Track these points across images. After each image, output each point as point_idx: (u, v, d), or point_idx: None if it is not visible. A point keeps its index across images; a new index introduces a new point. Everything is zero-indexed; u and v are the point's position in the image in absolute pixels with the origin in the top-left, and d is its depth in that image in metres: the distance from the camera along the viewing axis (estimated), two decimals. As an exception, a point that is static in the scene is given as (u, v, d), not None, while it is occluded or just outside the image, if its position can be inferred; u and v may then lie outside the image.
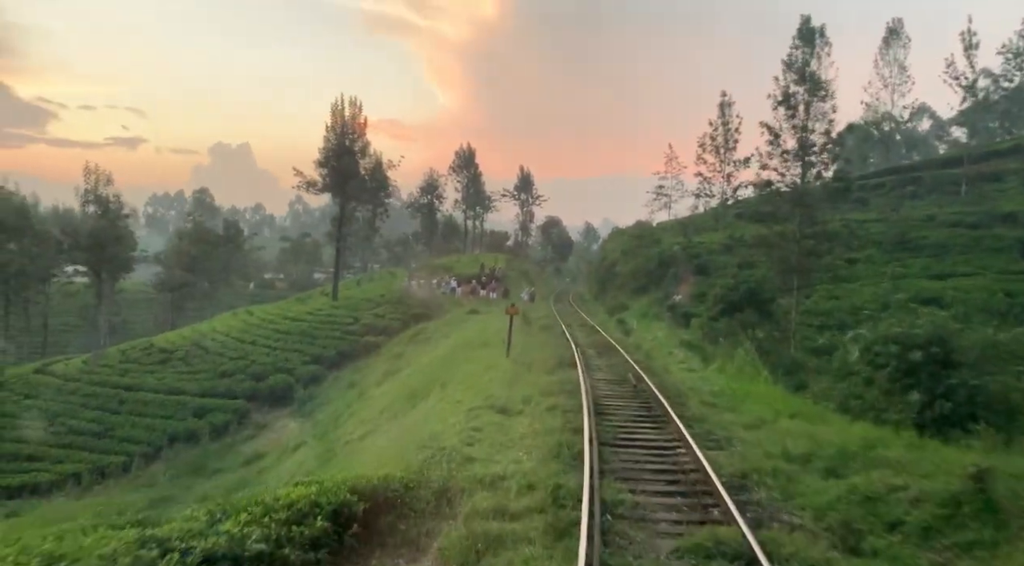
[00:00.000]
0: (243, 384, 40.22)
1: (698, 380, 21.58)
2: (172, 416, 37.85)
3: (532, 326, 35.39)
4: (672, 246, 53.34)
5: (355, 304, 50.59)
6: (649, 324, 40.76)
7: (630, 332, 35.58)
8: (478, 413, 15.43)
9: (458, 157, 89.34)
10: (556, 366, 21.28)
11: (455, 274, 58.92)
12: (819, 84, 34.85)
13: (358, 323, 46.28)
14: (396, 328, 44.88)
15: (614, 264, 60.38)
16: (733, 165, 70.40)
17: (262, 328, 47.87)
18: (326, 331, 45.54)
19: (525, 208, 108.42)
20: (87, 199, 43.48)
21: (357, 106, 54.19)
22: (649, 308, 45.89)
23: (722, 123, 70.34)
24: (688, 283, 48.98)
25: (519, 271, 77.04)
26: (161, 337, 50.06)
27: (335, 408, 35.65)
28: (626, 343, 29.55)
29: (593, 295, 64.66)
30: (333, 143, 53.23)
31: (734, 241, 53.76)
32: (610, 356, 24.60)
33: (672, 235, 63.02)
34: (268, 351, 43.63)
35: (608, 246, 72.31)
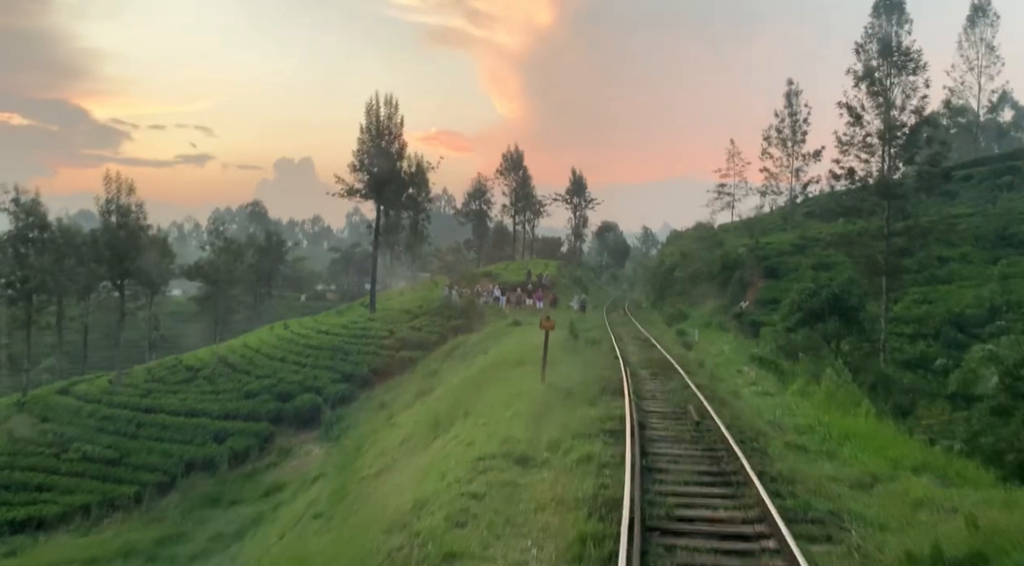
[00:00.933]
0: (268, 405, 37.50)
1: (777, 409, 17.53)
2: (191, 441, 35.31)
3: (578, 340, 31.62)
4: (737, 248, 48.84)
5: (392, 316, 47.61)
6: (713, 336, 36.55)
7: (691, 346, 31.47)
8: (488, 465, 11.83)
9: (505, 160, 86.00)
10: (599, 393, 17.52)
11: (500, 282, 55.47)
12: (908, 56, 30.23)
13: (393, 337, 43.21)
14: (433, 342, 41.64)
15: (672, 269, 56.09)
16: (802, 159, 65.44)
17: (293, 343, 45.24)
18: (359, 346, 42.61)
19: (578, 212, 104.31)
20: (108, 209, 41.39)
21: (393, 105, 51.49)
22: (712, 317, 41.62)
23: (789, 114, 65.46)
24: (756, 288, 44.53)
25: (571, 278, 73.18)
26: (191, 354, 47.93)
27: (362, 433, 32.52)
28: (686, 360, 25.51)
29: (650, 303, 60.40)
30: (368, 145, 50.50)
31: (807, 241, 49.06)
32: (667, 378, 20.66)
33: (736, 236, 58.37)
34: (297, 368, 40.90)
35: (666, 250, 67.93)
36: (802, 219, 66.10)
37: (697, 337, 34.63)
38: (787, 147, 65.62)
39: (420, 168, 66.49)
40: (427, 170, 66.19)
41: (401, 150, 52.05)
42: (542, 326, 21.01)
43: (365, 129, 50.78)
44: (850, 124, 30.69)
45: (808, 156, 64.84)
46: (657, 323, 44.77)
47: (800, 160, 65.16)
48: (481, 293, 49.93)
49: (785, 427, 15.08)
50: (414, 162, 65.96)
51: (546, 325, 20.89)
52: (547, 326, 20.86)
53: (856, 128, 30.61)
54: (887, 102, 29.20)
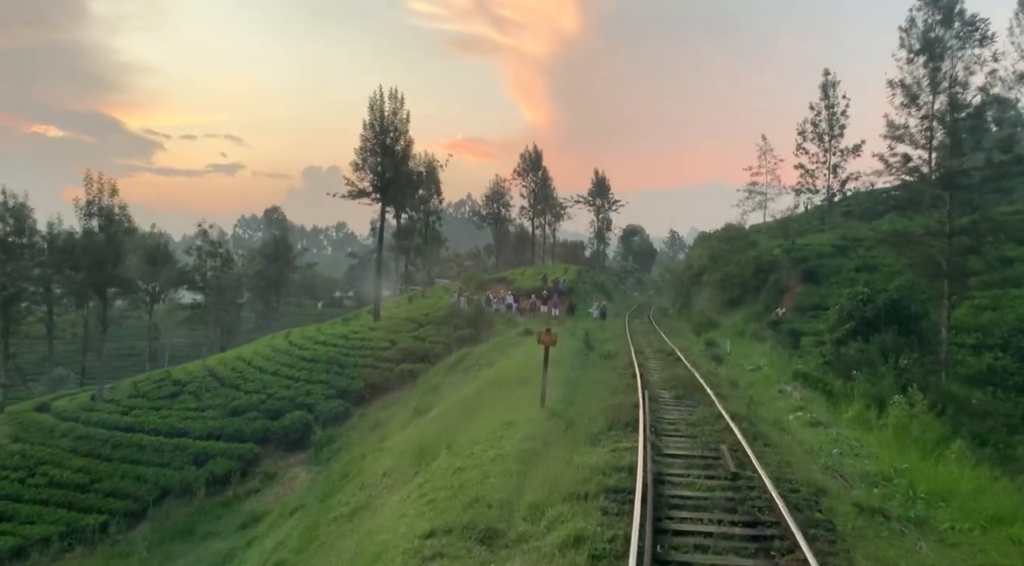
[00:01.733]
0: (255, 423, 34.41)
1: (834, 445, 13.93)
2: (169, 464, 32.30)
3: (593, 353, 28.09)
4: (772, 249, 44.94)
5: (396, 325, 44.39)
6: (747, 347, 32.84)
7: (722, 360, 27.77)
8: (440, 548, 8.41)
9: (523, 160, 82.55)
10: (607, 426, 14.06)
11: (515, 288, 52.08)
12: (973, 25, 26.36)
13: (394, 348, 39.94)
14: (437, 353, 38.32)
15: (700, 273, 52.28)
16: (840, 154, 61.14)
17: (288, 355, 42.18)
18: (357, 358, 39.41)
19: (601, 215, 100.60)
20: (89, 211, 38.59)
21: (398, 100, 48.34)
22: (745, 325, 37.84)
23: (825, 106, 61.23)
24: (794, 293, 40.65)
25: (592, 283, 69.57)
26: (180, 367, 45.11)
27: (351, 457, 29.26)
28: (717, 378, 21.88)
29: (676, 309, 56.57)
30: (372, 142, 47.43)
31: (848, 241, 45.03)
32: (693, 403, 17.10)
33: (769, 238, 54.41)
34: (289, 383, 37.78)
35: (693, 252, 64.01)
36: (840, 219, 61.93)
37: (729, 349, 30.95)
38: (823, 142, 61.39)
39: (431, 168, 63.82)
40: (437, 169, 63.72)
41: (407, 148, 48.86)
42: (541, 341, 17.52)
43: (368, 125, 47.68)
44: (903, 105, 26.89)
45: (846, 151, 60.60)
46: (683, 332, 41.07)
47: (838, 155, 60.90)
48: (492, 300, 46.53)
49: (851, 477, 11.49)
50: (423, 162, 63.35)
51: (546, 340, 17.44)
52: (547, 341, 17.41)
53: (911, 110, 26.80)
54: (951, 78, 25.35)
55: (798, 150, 62.12)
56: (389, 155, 47.78)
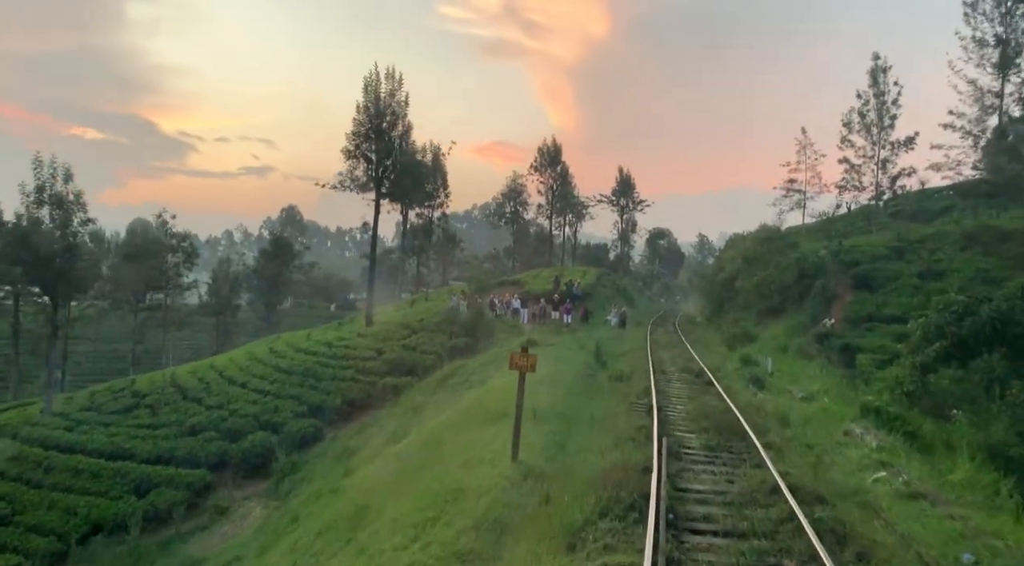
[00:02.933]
0: (211, 445, 29.71)
1: (960, 544, 8.71)
2: (106, 493, 27.68)
3: (604, 372, 22.96)
4: (817, 251, 39.39)
5: (387, 332, 39.54)
6: (792, 365, 27.49)
7: (763, 383, 22.43)
8: None
9: (541, 154, 77.25)
10: (600, 508, 8.96)
11: (524, 291, 47.02)
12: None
13: (380, 358, 35.06)
14: (428, 365, 33.37)
15: (733, 278, 46.76)
16: (890, 148, 55.25)
17: (264, 364, 37.49)
18: (336, 370, 34.58)
19: (625, 215, 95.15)
20: (39, 199, 34.14)
21: (396, 81, 43.53)
22: (788, 339, 32.42)
23: (874, 94, 55.36)
24: (844, 302, 35.14)
25: (613, 288, 64.24)
26: (146, 376, 40.68)
27: (310, 492, 24.49)
28: (760, 413, 16.69)
29: (706, 318, 51.11)
30: (365, 127, 42.69)
31: (905, 243, 39.34)
32: (733, 461, 11.93)
33: (810, 240, 48.79)
34: (257, 397, 33.08)
35: (725, 255, 58.35)
36: (887, 220, 56.08)
37: (770, 368, 25.60)
38: (871, 134, 55.57)
39: (437, 160, 59.07)
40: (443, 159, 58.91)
41: (406, 133, 44.03)
42: (514, 365, 12.46)
43: (363, 108, 42.93)
44: (996, 65, 21.36)
45: (897, 145, 54.72)
46: (715, 345, 35.73)
47: (887, 149, 55.05)
48: (496, 304, 41.48)
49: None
50: (428, 152, 58.64)
51: (520, 364, 12.37)
52: (521, 366, 12.34)
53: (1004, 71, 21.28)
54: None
55: (843, 143, 56.37)
56: (385, 141, 43.02)
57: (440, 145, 61.09)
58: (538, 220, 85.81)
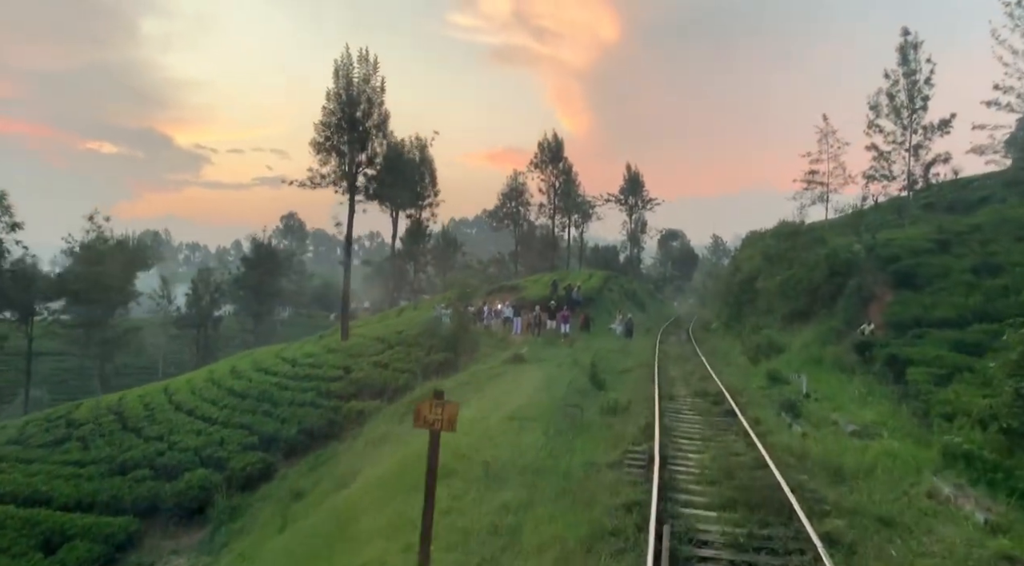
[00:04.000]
0: (141, 487, 25.35)
1: None
2: (8, 549, 23.30)
3: (598, 396, 18.41)
4: (850, 246, 34.64)
5: (361, 346, 35.15)
6: (829, 382, 22.83)
7: (798, 411, 17.74)
8: None
9: (542, 149, 72.59)
10: None
11: (520, 297, 42.53)
12: None
13: (347, 378, 30.64)
14: (401, 386, 28.93)
15: (753, 278, 42.05)
16: (923, 132, 50.30)
17: (218, 386, 33.14)
18: (295, 393, 30.19)
19: (634, 215, 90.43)
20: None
21: (371, 65, 39.18)
22: (821, 348, 27.65)
23: (904, 74, 50.45)
24: (884, 303, 30.43)
25: (621, 292, 59.61)
26: (92, 401, 36.43)
27: (241, 549, 20.09)
28: (804, 464, 12.09)
29: (723, 322, 46.35)
30: (337, 116, 38.38)
31: (950, 234, 34.63)
32: (774, 560, 7.35)
33: (837, 235, 43.97)
34: (204, 426, 28.73)
35: (743, 254, 53.50)
36: (919, 212, 51.19)
37: (805, 388, 20.91)
38: (901, 118, 50.66)
39: (424, 155, 54.81)
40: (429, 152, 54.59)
41: (383, 123, 39.63)
42: (420, 423, 7.90)
43: (333, 95, 38.62)
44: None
45: (931, 129, 49.76)
46: (734, 357, 31.13)
47: (920, 134, 50.10)
48: (485, 313, 36.98)
49: None
50: (414, 147, 54.38)
51: (428, 419, 7.81)
52: (431, 423, 7.79)
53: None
54: None
55: (870, 128, 51.38)
56: (359, 131, 38.69)
57: (425, 138, 56.54)
58: (539, 221, 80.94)
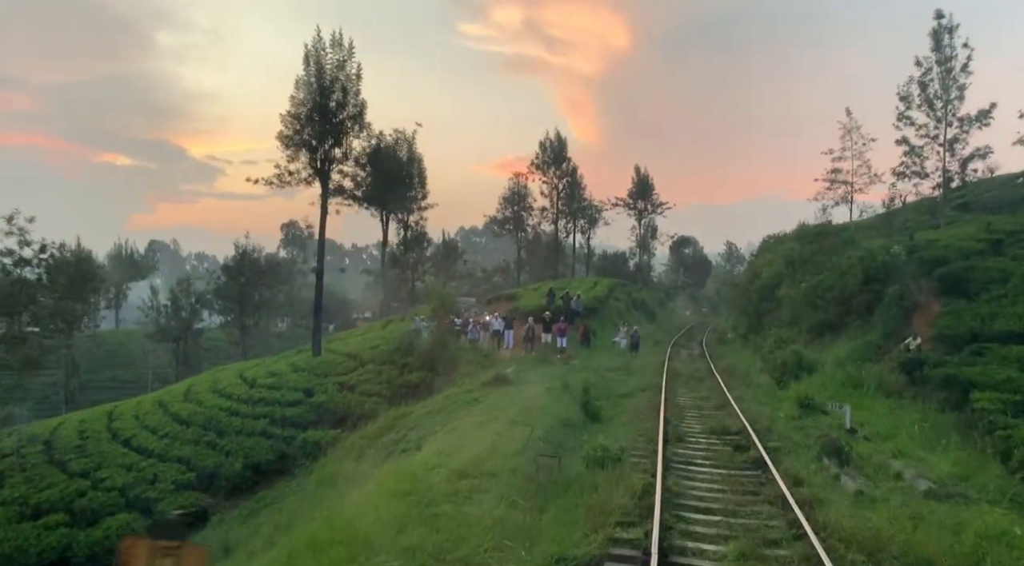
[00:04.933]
0: (52, 534, 21.60)
1: None
2: None
3: (580, 442, 14.32)
4: (887, 248, 30.48)
5: (331, 364, 31.29)
6: (878, 413, 18.78)
7: (846, 457, 13.59)
8: None
9: (543, 150, 68.62)
10: None
11: (514, 308, 38.57)
12: None
13: (307, 402, 26.78)
14: (367, 412, 25.04)
15: (774, 285, 37.94)
16: (959, 125, 46.11)
17: (165, 411, 29.30)
18: (246, 420, 26.33)
19: (644, 219, 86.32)
20: None
21: (346, 50, 35.49)
22: (859, 367, 23.54)
23: (937, 61, 46.31)
24: (929, 313, 26.40)
25: (628, 301, 55.57)
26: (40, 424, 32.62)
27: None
28: (875, 558, 7.99)
29: (740, 334, 42.21)
30: (306, 107, 34.71)
31: (1002, 234, 30.61)
32: None
33: (866, 238, 39.82)
34: (138, 459, 24.93)
35: (761, 259, 49.32)
36: (954, 213, 47.02)
37: (848, 421, 16.80)
38: (934, 110, 46.47)
39: (411, 153, 51.09)
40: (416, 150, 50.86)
41: (359, 114, 35.89)
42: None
43: (303, 84, 34.96)
44: None
45: (968, 120, 45.58)
46: (754, 375, 27.03)
47: (956, 126, 45.91)
48: (470, 326, 32.98)
49: None
50: (400, 143, 50.68)
51: None
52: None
53: None
54: None
55: (900, 121, 47.22)
56: (331, 123, 34.97)
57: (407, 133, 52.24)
58: (542, 226, 76.89)
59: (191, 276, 74.27)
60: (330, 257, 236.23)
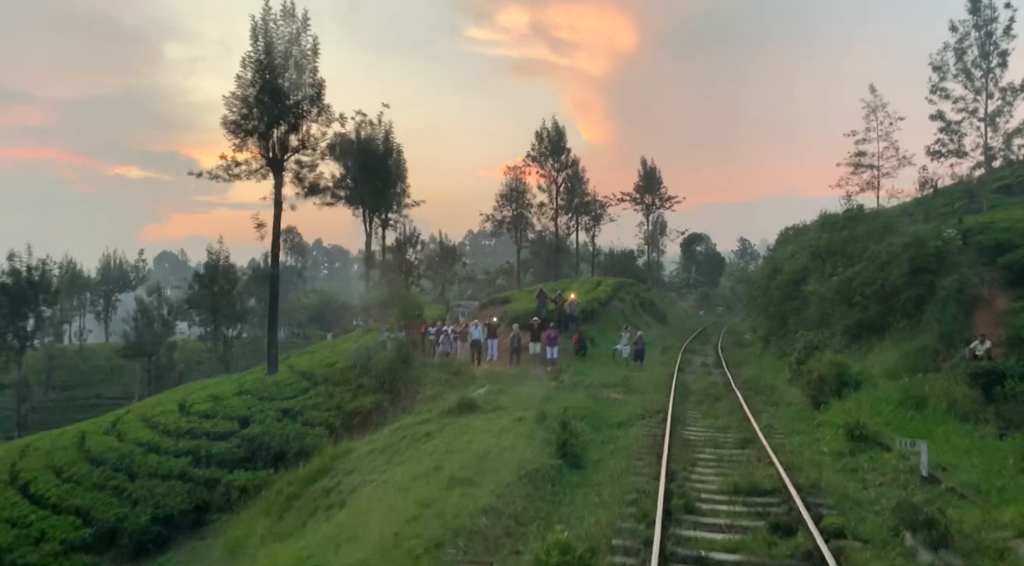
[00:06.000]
0: None
1: None
2: None
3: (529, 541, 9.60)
4: (938, 232, 25.67)
5: (281, 385, 26.81)
6: (956, 445, 14.07)
7: (937, 526, 8.96)
8: None
9: (539, 140, 63.84)
10: None
11: (502, 313, 34.07)
12: None
13: (240, 434, 22.32)
14: (306, 448, 20.54)
15: (799, 280, 33.22)
16: (1001, 95, 41.23)
17: (77, 448, 24.88)
18: (165, 458, 21.89)
19: (652, 215, 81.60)
20: None
21: (300, 22, 31.12)
22: (919, 380, 18.66)
23: (975, 24, 41.47)
24: (995, 310, 21.78)
25: (634, 302, 50.93)
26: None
27: None
28: None
29: (761, 337, 37.46)
30: (254, 89, 30.36)
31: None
32: None
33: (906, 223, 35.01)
34: (30, 510, 20.53)
35: (781, 251, 44.41)
36: (996, 196, 42.13)
37: (926, 467, 12.15)
38: (972, 81, 41.62)
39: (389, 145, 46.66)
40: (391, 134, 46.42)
41: (317, 95, 31.50)
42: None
43: (251, 60, 30.60)
44: None
45: (1011, 90, 40.74)
46: (782, 390, 22.38)
47: (998, 98, 41.06)
48: (443, 336, 28.38)
49: None
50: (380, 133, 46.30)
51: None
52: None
53: None
54: None
55: (934, 93, 42.49)
56: (284, 105, 30.61)
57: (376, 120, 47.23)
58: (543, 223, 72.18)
59: (160, 285, 69.85)
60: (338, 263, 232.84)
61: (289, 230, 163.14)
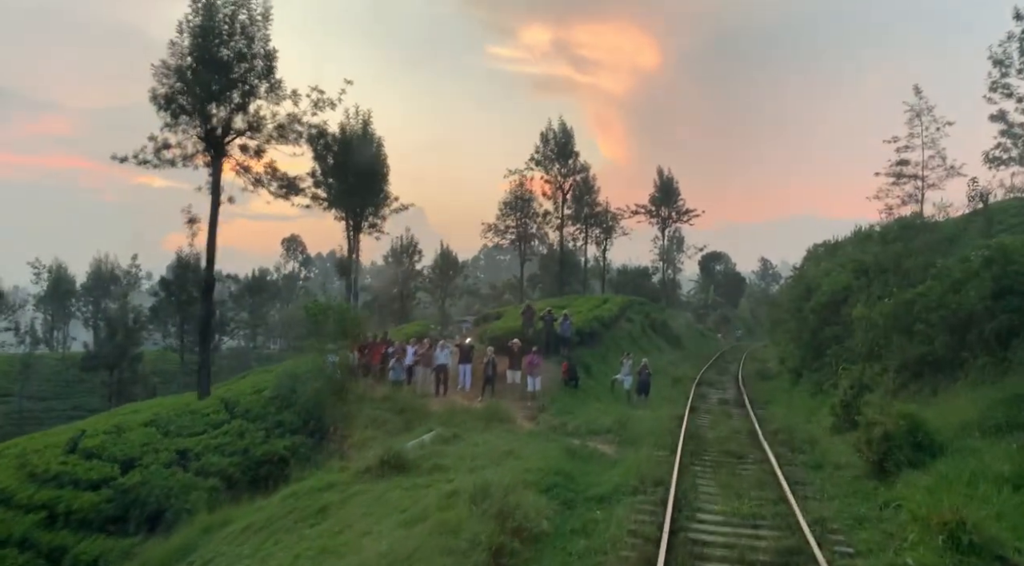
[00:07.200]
0: None
1: None
2: None
3: None
4: None
5: (197, 416, 21.74)
6: None
7: None
8: None
9: (544, 142, 58.67)
10: None
11: (479, 334, 29.07)
12: None
13: (114, 485, 17.36)
14: (188, 507, 15.58)
15: (839, 302, 27.90)
16: (1077, 90, 35.82)
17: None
18: (13, 515, 17.05)
19: (667, 229, 76.39)
20: None
21: (248, -22, 26.54)
22: (1015, 439, 13.36)
23: (1044, 12, 36.17)
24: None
25: (644, 323, 45.72)
26: None
27: None
28: None
29: (791, 369, 32.10)
30: (193, 56, 25.71)
31: None
32: None
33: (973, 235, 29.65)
34: None
35: (814, 269, 38.84)
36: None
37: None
38: (1045, 75, 36.31)
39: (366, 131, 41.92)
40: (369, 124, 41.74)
41: (268, 69, 26.81)
42: None
43: (188, 27, 25.98)
44: None
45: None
46: (824, 444, 17.13)
47: (1074, 92, 35.76)
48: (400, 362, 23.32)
49: None
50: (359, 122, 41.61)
51: None
52: None
53: None
54: None
55: (994, 90, 37.26)
56: (227, 78, 25.91)
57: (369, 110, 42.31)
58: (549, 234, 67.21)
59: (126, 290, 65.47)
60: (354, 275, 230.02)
61: (290, 238, 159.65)
